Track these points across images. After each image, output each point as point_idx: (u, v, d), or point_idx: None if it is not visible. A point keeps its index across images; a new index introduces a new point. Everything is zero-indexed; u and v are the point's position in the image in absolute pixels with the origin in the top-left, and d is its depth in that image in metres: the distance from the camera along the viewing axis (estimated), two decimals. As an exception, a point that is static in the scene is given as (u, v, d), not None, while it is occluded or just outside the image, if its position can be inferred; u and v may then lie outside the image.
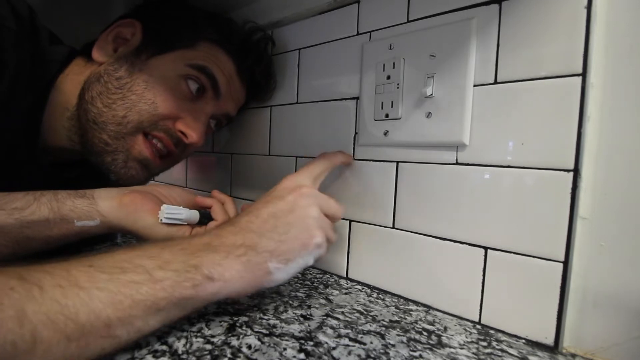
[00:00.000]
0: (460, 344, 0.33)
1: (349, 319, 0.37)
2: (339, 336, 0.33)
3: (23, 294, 0.22)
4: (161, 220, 0.42)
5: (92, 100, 0.46)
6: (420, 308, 0.41)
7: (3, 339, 0.20)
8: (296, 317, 0.36)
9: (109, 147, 0.47)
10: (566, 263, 0.32)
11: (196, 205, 0.48)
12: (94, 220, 0.41)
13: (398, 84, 0.42)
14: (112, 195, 0.43)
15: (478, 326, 0.37)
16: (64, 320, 0.22)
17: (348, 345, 0.31)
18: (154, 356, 0.27)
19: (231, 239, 0.31)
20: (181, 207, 0.44)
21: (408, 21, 0.43)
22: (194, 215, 0.44)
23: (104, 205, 0.42)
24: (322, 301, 0.41)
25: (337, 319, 0.37)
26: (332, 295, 0.43)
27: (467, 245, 0.38)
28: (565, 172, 0.32)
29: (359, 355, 0.30)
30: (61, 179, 0.55)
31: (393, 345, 0.32)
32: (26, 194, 0.38)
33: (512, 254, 0.35)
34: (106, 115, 0.46)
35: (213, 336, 0.31)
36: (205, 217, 0.46)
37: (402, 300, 0.43)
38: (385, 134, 0.44)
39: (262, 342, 0.31)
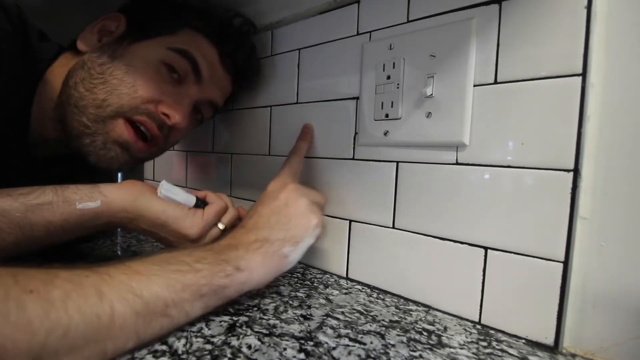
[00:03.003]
0: (460, 344, 0.33)
1: (349, 319, 0.37)
2: (339, 336, 0.33)
3: (97, 279, 0.26)
4: (159, 193, 0.44)
5: (75, 85, 0.47)
6: (420, 308, 0.41)
7: (90, 311, 0.24)
8: (296, 317, 0.36)
9: (88, 129, 0.48)
10: (566, 263, 0.32)
11: None
12: (95, 202, 0.41)
13: (398, 84, 0.42)
14: (113, 183, 0.44)
15: (478, 326, 0.37)
16: (133, 298, 0.26)
17: (348, 345, 0.31)
18: (154, 356, 0.27)
19: (245, 237, 0.37)
20: (179, 188, 0.46)
21: (408, 21, 0.42)
22: (190, 198, 0.47)
23: (106, 187, 0.43)
24: (322, 301, 0.41)
25: (337, 319, 0.37)
26: (332, 295, 0.43)
27: (467, 245, 0.38)
28: (565, 172, 0.32)
29: (359, 355, 0.30)
30: (53, 174, 0.56)
31: (393, 345, 0.32)
32: (33, 187, 0.40)
33: (512, 254, 0.35)
34: (87, 98, 0.47)
35: (213, 336, 0.31)
36: (201, 202, 0.48)
37: (402, 300, 0.43)
38: (385, 134, 0.44)
39: (262, 342, 0.31)
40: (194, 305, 0.30)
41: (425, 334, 0.35)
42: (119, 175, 0.82)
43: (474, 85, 0.37)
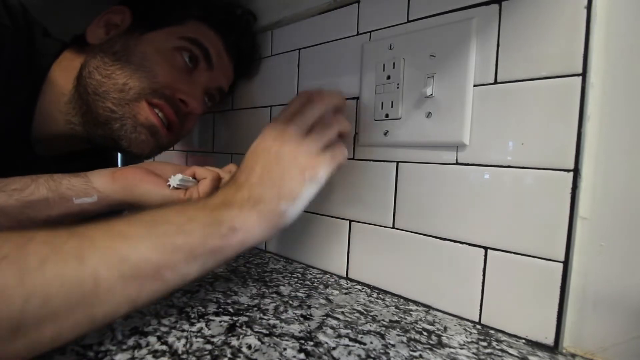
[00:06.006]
0: (460, 344, 0.33)
1: (349, 319, 0.37)
2: (339, 336, 0.33)
3: (77, 244, 0.24)
4: (171, 185, 0.45)
5: (89, 74, 0.48)
6: (420, 308, 0.41)
7: (70, 278, 0.22)
8: (296, 317, 0.36)
9: (115, 114, 0.48)
10: (566, 263, 0.32)
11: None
12: (91, 197, 0.42)
13: (398, 84, 0.42)
14: (104, 173, 0.44)
15: (478, 326, 0.37)
16: (119, 261, 0.25)
17: (348, 345, 0.31)
18: (154, 356, 0.27)
19: (238, 195, 0.34)
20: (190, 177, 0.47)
21: (408, 21, 0.42)
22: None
23: (98, 182, 0.43)
24: (322, 301, 0.41)
25: (337, 319, 0.37)
26: (332, 295, 0.43)
27: (467, 245, 0.38)
28: (565, 172, 0.32)
29: (359, 355, 0.30)
30: (65, 171, 0.56)
31: (393, 345, 0.32)
32: (22, 177, 0.39)
33: (512, 254, 0.35)
34: (107, 84, 0.48)
35: (213, 336, 0.31)
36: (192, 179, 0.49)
37: (402, 300, 0.43)
38: (385, 134, 0.44)
39: (262, 342, 0.31)
40: (190, 267, 0.29)
41: (425, 334, 0.35)
42: (119, 159, 0.81)
43: (474, 85, 0.37)
